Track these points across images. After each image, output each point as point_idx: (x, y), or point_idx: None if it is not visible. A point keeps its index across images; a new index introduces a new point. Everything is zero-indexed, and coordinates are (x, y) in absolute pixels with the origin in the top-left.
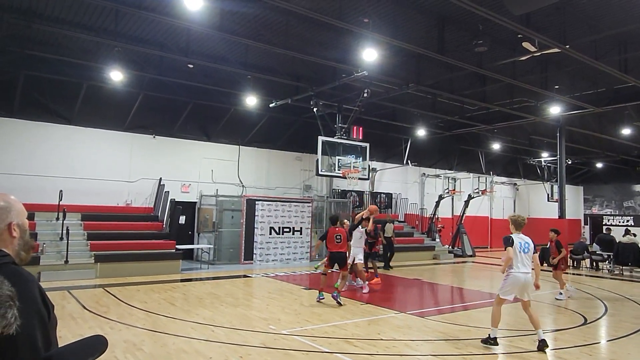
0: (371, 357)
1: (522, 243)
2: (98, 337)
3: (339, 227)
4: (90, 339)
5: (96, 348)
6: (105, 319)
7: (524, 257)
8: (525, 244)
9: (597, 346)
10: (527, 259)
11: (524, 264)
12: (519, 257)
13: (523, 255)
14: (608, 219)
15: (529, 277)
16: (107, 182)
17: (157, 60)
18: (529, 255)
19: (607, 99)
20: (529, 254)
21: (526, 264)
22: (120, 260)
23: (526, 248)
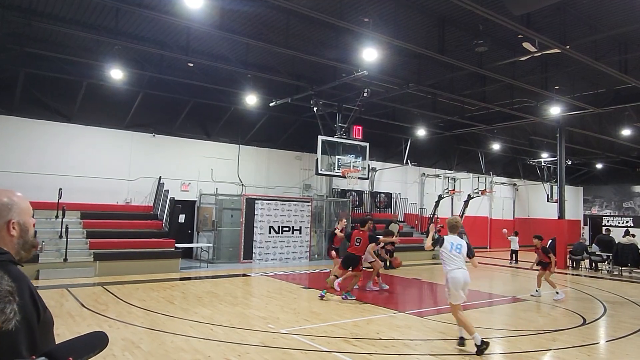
0: (370, 356)
1: (453, 243)
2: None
3: (363, 230)
4: (90, 335)
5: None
6: (104, 317)
7: (457, 256)
8: (458, 245)
9: (595, 346)
10: (460, 257)
11: (460, 263)
12: (452, 257)
13: (456, 254)
14: (608, 219)
15: (466, 273)
16: (106, 181)
17: (157, 59)
18: (462, 255)
19: (607, 100)
20: (462, 254)
21: (461, 262)
22: (119, 259)
23: (458, 249)
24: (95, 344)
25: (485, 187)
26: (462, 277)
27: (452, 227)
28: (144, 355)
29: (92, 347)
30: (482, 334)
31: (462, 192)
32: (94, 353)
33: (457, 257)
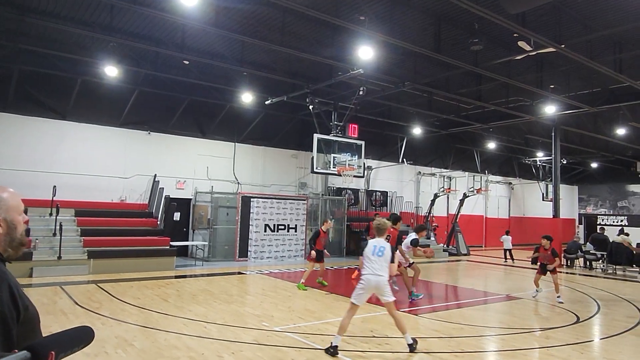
0: (363, 354)
1: (376, 247)
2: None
3: (394, 228)
4: (75, 330)
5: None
6: (97, 314)
7: (376, 260)
8: (381, 247)
9: (589, 344)
10: (380, 262)
11: (376, 267)
12: (371, 260)
13: (376, 258)
14: (602, 218)
15: (380, 279)
16: (101, 178)
17: (152, 56)
18: (383, 259)
19: (602, 99)
20: (383, 257)
21: (379, 267)
22: (113, 257)
23: (380, 252)
24: (80, 338)
25: (481, 186)
26: (374, 282)
27: (378, 230)
28: (137, 353)
29: (77, 341)
30: (476, 331)
31: (457, 190)
32: (79, 347)
33: (376, 261)
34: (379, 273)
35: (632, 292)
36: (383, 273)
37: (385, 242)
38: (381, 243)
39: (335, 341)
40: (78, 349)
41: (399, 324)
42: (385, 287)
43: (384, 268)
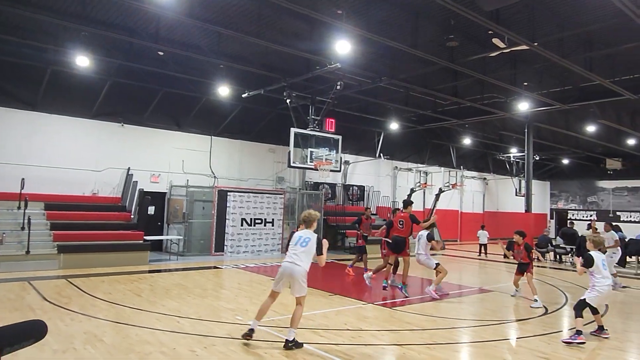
0: (336, 346)
1: (302, 237)
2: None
3: (405, 212)
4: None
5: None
6: (66, 310)
7: (297, 250)
8: (306, 238)
9: (556, 335)
10: (301, 252)
11: (295, 257)
12: (292, 250)
13: (298, 248)
14: (573, 213)
15: (296, 268)
16: (72, 171)
17: (126, 47)
18: (306, 250)
19: (573, 97)
20: (306, 248)
21: (298, 257)
22: (85, 251)
23: (304, 242)
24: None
25: (456, 181)
26: (289, 270)
27: (305, 221)
28: (107, 349)
29: (26, 335)
30: (448, 324)
31: (433, 185)
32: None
33: (297, 250)
34: (297, 262)
35: None
36: (301, 263)
37: (312, 234)
38: (307, 234)
39: (252, 325)
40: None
41: (294, 317)
42: (299, 277)
43: (304, 259)
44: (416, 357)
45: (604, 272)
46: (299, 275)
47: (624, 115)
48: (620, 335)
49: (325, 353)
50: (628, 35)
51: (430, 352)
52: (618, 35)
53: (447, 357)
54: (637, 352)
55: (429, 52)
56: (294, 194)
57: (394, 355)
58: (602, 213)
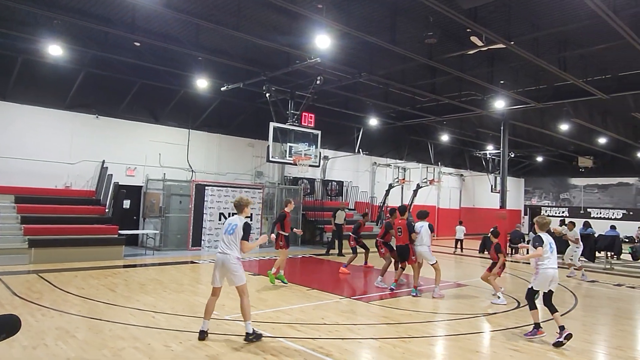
0: (314, 341)
1: (230, 224)
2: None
3: (402, 219)
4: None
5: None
6: (37, 305)
7: (224, 238)
8: (233, 225)
9: (527, 328)
10: (229, 239)
11: (224, 245)
12: (221, 239)
13: (226, 236)
14: (546, 210)
15: (226, 257)
16: (44, 163)
17: (101, 37)
18: (233, 237)
19: (547, 95)
20: (233, 235)
21: (226, 245)
22: (57, 245)
23: (231, 229)
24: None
25: (434, 177)
26: (221, 260)
27: (236, 206)
28: (79, 344)
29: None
30: (425, 317)
31: (411, 181)
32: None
33: (224, 239)
34: (226, 251)
35: (569, 278)
36: (229, 251)
37: (240, 219)
38: (235, 221)
39: (203, 326)
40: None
41: (243, 309)
42: (231, 266)
43: (232, 246)
44: (392, 350)
45: (551, 255)
46: (230, 264)
47: (595, 114)
48: (589, 328)
49: (302, 347)
50: (601, 37)
51: (405, 345)
52: (591, 36)
53: (423, 350)
54: (605, 345)
55: (408, 48)
56: (272, 188)
57: (370, 349)
58: (573, 210)
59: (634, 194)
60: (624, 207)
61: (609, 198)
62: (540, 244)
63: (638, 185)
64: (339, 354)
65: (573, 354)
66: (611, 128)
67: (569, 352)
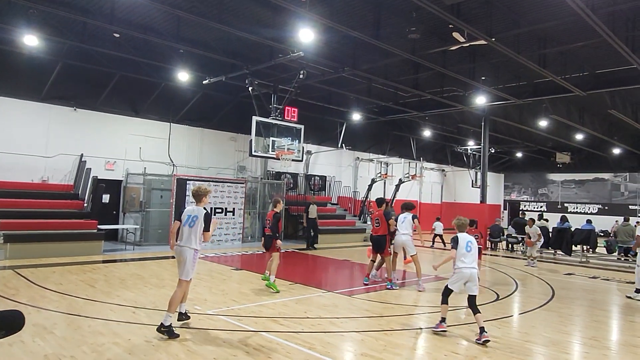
0: (296, 334)
1: (190, 216)
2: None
3: (379, 210)
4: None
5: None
6: (13, 301)
7: (185, 230)
8: (194, 217)
9: (507, 320)
10: (189, 232)
11: (184, 238)
12: (182, 231)
13: (186, 228)
14: (524, 204)
15: (183, 249)
16: (20, 157)
17: (79, 27)
18: (193, 229)
19: (527, 92)
20: (194, 227)
21: (186, 238)
22: (33, 241)
23: (192, 222)
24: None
25: (416, 172)
26: (178, 252)
27: (194, 196)
28: (57, 341)
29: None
30: (406, 310)
31: (394, 176)
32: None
33: (186, 231)
34: (184, 244)
35: (546, 271)
36: (188, 244)
37: (200, 211)
38: (195, 212)
39: (166, 321)
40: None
41: (172, 300)
42: (187, 258)
43: (192, 238)
44: (374, 343)
45: (467, 254)
46: (185, 256)
47: (573, 111)
48: (565, 319)
49: (285, 341)
50: (580, 35)
51: (387, 338)
52: (570, 33)
53: (404, 342)
54: (580, 335)
55: (391, 43)
56: (255, 183)
57: (352, 342)
58: (551, 204)
59: (609, 189)
60: (599, 202)
61: (585, 193)
62: (454, 246)
63: (613, 180)
64: (322, 347)
65: (550, 343)
66: (588, 125)
67: (546, 341)
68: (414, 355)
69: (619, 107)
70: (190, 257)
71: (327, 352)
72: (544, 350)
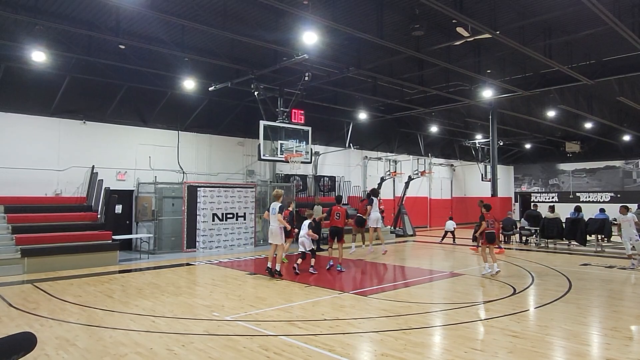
0: (315, 337)
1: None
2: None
3: (341, 206)
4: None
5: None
6: (35, 315)
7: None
8: (272, 209)
9: (525, 314)
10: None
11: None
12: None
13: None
14: (535, 196)
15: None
16: (33, 172)
17: (84, 41)
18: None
19: (534, 83)
20: (275, 215)
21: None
22: (50, 254)
23: (273, 211)
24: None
25: (425, 169)
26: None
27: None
28: (80, 353)
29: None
30: (422, 309)
31: (403, 173)
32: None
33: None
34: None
35: (561, 263)
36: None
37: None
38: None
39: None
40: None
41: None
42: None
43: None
44: (393, 342)
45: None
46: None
47: (581, 99)
48: (584, 311)
49: (304, 344)
50: (585, 23)
51: (406, 337)
52: (575, 23)
53: (423, 340)
54: (600, 326)
55: (395, 41)
56: (265, 187)
57: (372, 342)
58: (563, 194)
59: (620, 176)
60: (611, 190)
61: (597, 182)
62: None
63: (624, 168)
64: (342, 349)
65: (570, 336)
66: (597, 113)
67: (566, 334)
68: (435, 353)
69: (627, 94)
70: (277, 230)
71: (347, 354)
72: (565, 344)
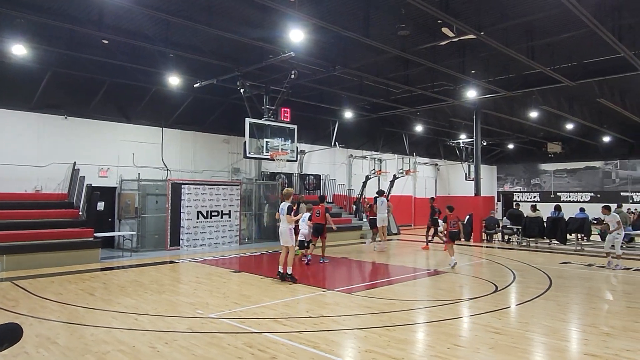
0: (300, 334)
1: (282, 209)
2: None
3: (321, 205)
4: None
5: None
6: (13, 313)
7: (281, 217)
8: (282, 209)
9: (506, 311)
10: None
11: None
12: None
13: (282, 216)
14: (518, 195)
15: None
16: (12, 167)
17: (66, 35)
18: (284, 216)
19: (517, 84)
20: (284, 216)
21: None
22: (30, 251)
23: (282, 211)
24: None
25: (409, 168)
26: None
27: (285, 196)
28: (61, 351)
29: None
30: (406, 306)
31: (388, 172)
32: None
33: (281, 217)
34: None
35: (542, 261)
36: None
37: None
38: (283, 206)
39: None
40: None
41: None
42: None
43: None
44: (377, 339)
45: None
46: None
47: (563, 101)
48: (563, 308)
49: (289, 341)
50: (566, 25)
51: (390, 333)
52: (557, 25)
53: (407, 337)
54: (580, 322)
55: (381, 41)
56: (250, 184)
57: (356, 339)
58: (544, 194)
59: (600, 177)
60: (591, 190)
61: (578, 182)
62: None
63: (604, 168)
64: (326, 346)
65: (550, 332)
66: (578, 114)
67: (546, 330)
68: (418, 349)
69: (607, 96)
70: (287, 232)
71: (331, 351)
72: (545, 339)
